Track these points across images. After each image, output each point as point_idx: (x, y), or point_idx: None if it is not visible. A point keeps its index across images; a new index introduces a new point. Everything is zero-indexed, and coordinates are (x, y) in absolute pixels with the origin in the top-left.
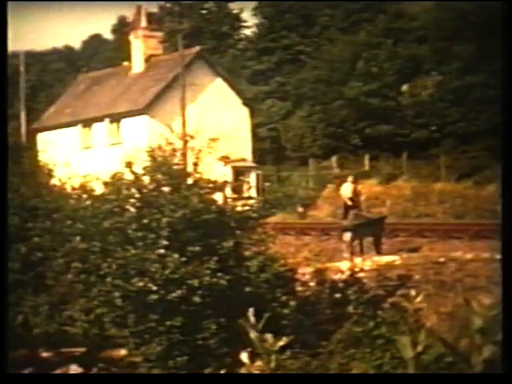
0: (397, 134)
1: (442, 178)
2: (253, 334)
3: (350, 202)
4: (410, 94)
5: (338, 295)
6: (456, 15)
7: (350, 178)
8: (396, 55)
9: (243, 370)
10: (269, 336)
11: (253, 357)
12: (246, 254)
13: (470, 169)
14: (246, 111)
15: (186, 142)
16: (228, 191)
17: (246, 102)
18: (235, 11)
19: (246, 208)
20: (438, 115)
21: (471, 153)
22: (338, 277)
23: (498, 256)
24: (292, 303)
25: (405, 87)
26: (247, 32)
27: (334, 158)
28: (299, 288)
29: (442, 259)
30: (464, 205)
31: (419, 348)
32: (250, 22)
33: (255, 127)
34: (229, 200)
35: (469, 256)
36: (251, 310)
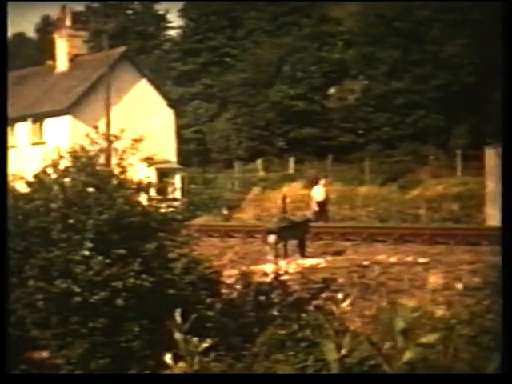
0: (322, 137)
1: (367, 181)
2: (178, 336)
3: (316, 208)
4: (337, 97)
5: (262, 298)
6: (381, 21)
7: (322, 181)
8: (322, 59)
9: (168, 372)
10: (194, 338)
11: (176, 359)
12: (170, 256)
13: (394, 173)
14: (171, 113)
15: (110, 143)
16: (152, 193)
17: (171, 104)
18: (161, 12)
19: (171, 210)
20: (363, 119)
21: (395, 157)
22: (262, 279)
23: (422, 260)
24: (217, 306)
25: (331, 91)
26: (173, 33)
27: (259, 161)
28: (224, 290)
29: (366, 262)
30: (388, 209)
31: (343, 351)
32: (175, 23)
33: (180, 129)
34: (153, 202)
35: (392, 259)
36: (178, 311)
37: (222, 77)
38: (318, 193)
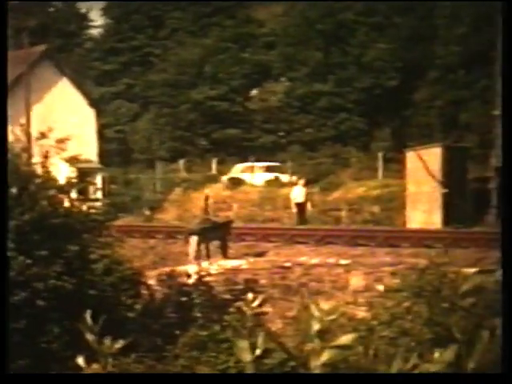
0: (244, 138)
1: (290, 183)
2: (90, 337)
3: (295, 209)
4: (259, 99)
5: (184, 299)
6: (304, 22)
7: (301, 181)
8: (244, 60)
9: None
10: (106, 339)
11: (91, 360)
12: (92, 256)
13: (316, 175)
14: (92, 112)
15: (31, 142)
16: (74, 193)
17: (93, 103)
18: (83, 10)
19: (92, 210)
20: (285, 121)
21: (317, 159)
22: (184, 280)
23: (343, 261)
24: (137, 306)
25: (253, 92)
26: (95, 32)
27: (181, 162)
28: (145, 291)
29: (287, 264)
30: (310, 210)
31: (258, 352)
32: (97, 21)
33: (102, 128)
34: (75, 202)
35: (314, 261)
36: (89, 312)
37: (143, 76)
38: (297, 194)
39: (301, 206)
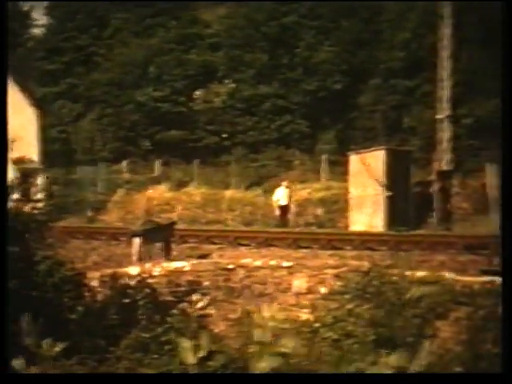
0: (188, 140)
1: (232, 185)
2: (28, 340)
3: (278, 212)
4: (203, 100)
5: (126, 300)
6: (249, 24)
7: (285, 183)
8: (189, 61)
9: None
10: (44, 342)
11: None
12: (34, 258)
13: (260, 177)
14: (34, 112)
15: None
16: (17, 194)
17: (35, 103)
18: (25, 9)
19: (35, 211)
20: (229, 123)
21: (261, 161)
22: (127, 282)
23: (286, 264)
24: (80, 308)
25: (197, 93)
26: (37, 31)
27: (124, 163)
28: (87, 293)
29: (230, 266)
30: (253, 212)
31: (201, 353)
32: (40, 21)
33: (44, 128)
34: (18, 203)
35: (257, 263)
36: (26, 316)
37: (87, 76)
38: (281, 195)
39: (284, 209)
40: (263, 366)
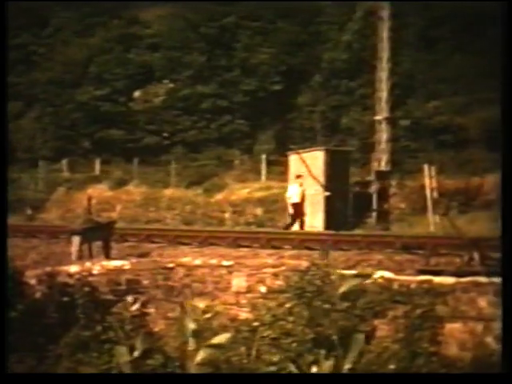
0: (128, 139)
1: (172, 184)
2: None
3: (292, 210)
4: (142, 100)
5: (66, 299)
6: (188, 25)
7: (299, 180)
8: (129, 61)
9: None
10: None
11: None
12: None
13: (200, 176)
14: None
15: None
16: None
17: None
18: None
19: None
20: (169, 122)
21: (201, 161)
22: (66, 280)
23: (226, 263)
24: (19, 306)
25: (137, 93)
26: None
27: (64, 161)
28: (27, 291)
29: (170, 265)
30: (193, 212)
31: (136, 353)
32: None
33: None
34: None
35: (197, 262)
36: None
37: (28, 75)
38: (293, 193)
39: (297, 207)
40: (199, 358)
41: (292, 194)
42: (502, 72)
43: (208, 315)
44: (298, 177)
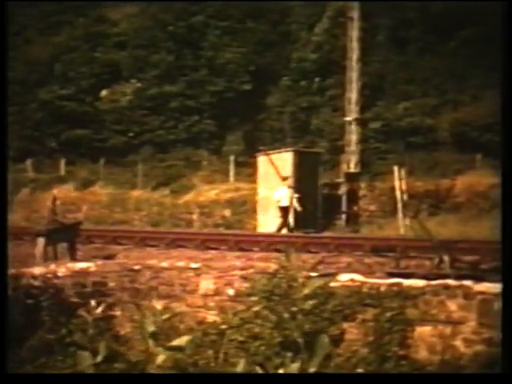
0: (94, 139)
1: (139, 185)
2: None
3: (281, 214)
4: (109, 99)
5: (30, 301)
6: (156, 24)
7: (287, 182)
8: (95, 60)
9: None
10: None
11: None
12: None
13: (167, 177)
14: None
15: None
16: None
17: None
18: None
19: None
20: (136, 122)
21: (168, 161)
22: (31, 282)
23: (194, 265)
24: None
25: (103, 93)
26: None
27: (28, 161)
28: None
29: (137, 267)
30: (160, 213)
31: (99, 358)
32: None
33: None
34: None
35: (164, 264)
36: None
37: None
38: (282, 195)
39: (286, 210)
40: (160, 361)
41: (281, 197)
42: (502, 72)
43: (165, 316)
44: (285, 179)
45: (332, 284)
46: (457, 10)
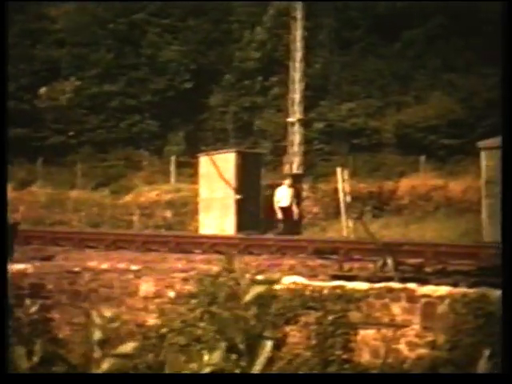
0: (32, 138)
1: (79, 185)
2: None
3: (280, 215)
4: (48, 97)
5: None
6: (96, 21)
7: (287, 181)
8: (34, 57)
9: None
10: None
11: None
12: None
13: (107, 177)
14: None
15: None
16: None
17: None
18: None
19: None
20: (75, 121)
21: (108, 161)
22: None
23: (134, 267)
24: None
25: (42, 90)
26: None
27: None
28: None
29: (76, 269)
30: (100, 214)
31: (35, 359)
32: None
33: None
34: None
35: (104, 266)
36: None
37: None
38: (282, 196)
39: (286, 211)
40: (105, 367)
41: (281, 197)
42: (503, 73)
43: (115, 324)
44: (286, 177)
45: (275, 287)
46: (401, 10)
